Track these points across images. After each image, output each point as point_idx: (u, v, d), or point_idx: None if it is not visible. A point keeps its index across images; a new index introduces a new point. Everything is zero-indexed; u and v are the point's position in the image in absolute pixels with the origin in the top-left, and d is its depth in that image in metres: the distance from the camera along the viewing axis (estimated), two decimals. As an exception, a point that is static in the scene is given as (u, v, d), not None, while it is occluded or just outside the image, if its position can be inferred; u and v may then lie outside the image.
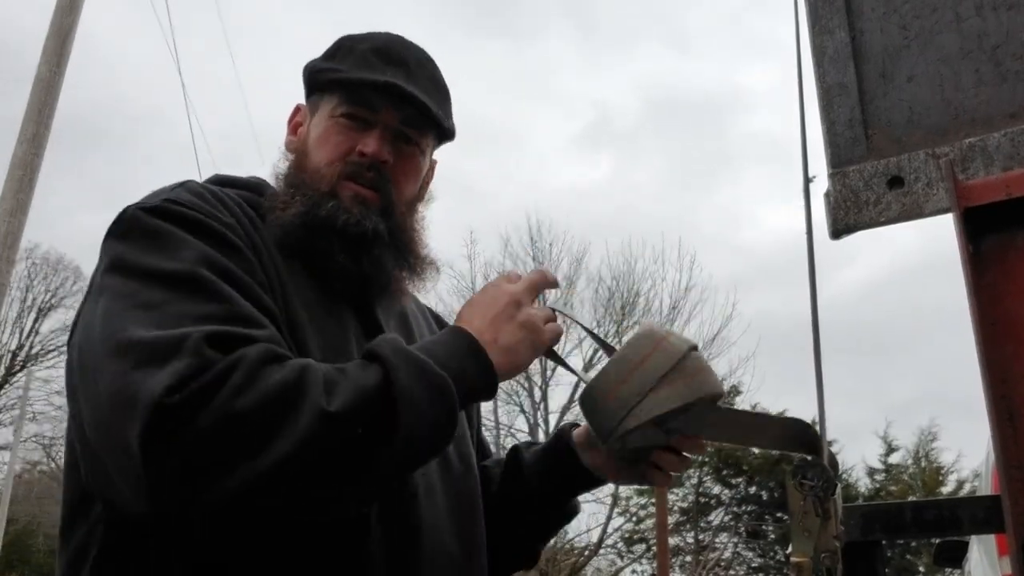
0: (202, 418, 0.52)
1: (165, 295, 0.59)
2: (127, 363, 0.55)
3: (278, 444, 0.52)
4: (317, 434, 0.53)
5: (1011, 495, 0.57)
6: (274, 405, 0.53)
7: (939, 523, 0.78)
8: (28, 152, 4.75)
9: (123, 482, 0.55)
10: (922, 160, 0.68)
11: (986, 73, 0.68)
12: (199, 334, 0.55)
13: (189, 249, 0.63)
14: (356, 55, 0.79)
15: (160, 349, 0.55)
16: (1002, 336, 0.60)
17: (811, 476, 0.65)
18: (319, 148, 0.77)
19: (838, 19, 0.73)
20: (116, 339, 0.57)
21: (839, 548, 0.62)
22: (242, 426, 0.52)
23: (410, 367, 0.58)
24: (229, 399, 0.53)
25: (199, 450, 0.52)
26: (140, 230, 0.64)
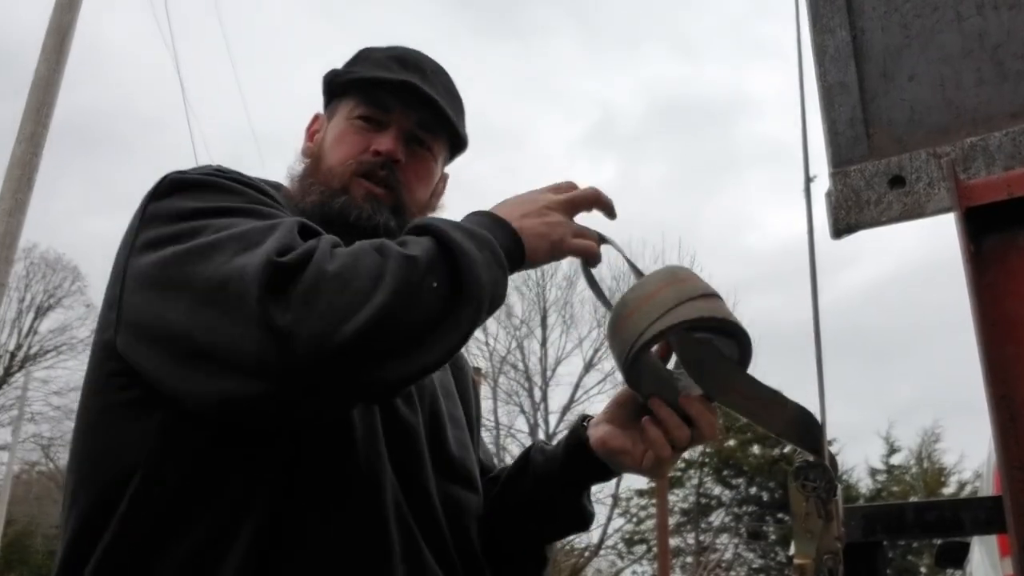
0: (308, 276, 0.55)
1: (235, 219, 0.62)
2: (223, 256, 0.58)
3: (379, 291, 0.55)
4: (406, 276, 0.57)
5: (1013, 496, 0.57)
6: (363, 260, 0.57)
7: (941, 524, 0.78)
8: (27, 151, 4.75)
9: (248, 360, 0.55)
10: (923, 160, 0.68)
11: (987, 72, 0.68)
12: (289, 220, 0.60)
13: (244, 194, 0.67)
14: (373, 60, 0.82)
15: (254, 236, 0.58)
16: (1003, 336, 0.60)
17: (813, 477, 0.65)
18: (334, 148, 0.80)
19: (839, 18, 0.73)
20: (199, 248, 0.59)
21: (841, 549, 0.62)
22: (341, 281, 0.55)
23: (458, 231, 0.62)
24: (322, 262, 0.56)
25: (313, 304, 0.54)
26: (192, 184, 0.67)
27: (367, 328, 0.54)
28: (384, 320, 0.55)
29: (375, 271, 0.56)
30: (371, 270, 0.56)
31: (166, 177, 0.69)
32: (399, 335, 0.56)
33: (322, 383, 0.55)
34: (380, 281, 0.56)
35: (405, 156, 0.79)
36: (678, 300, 0.65)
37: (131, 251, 0.65)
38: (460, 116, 0.84)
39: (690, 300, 0.66)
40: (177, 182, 0.67)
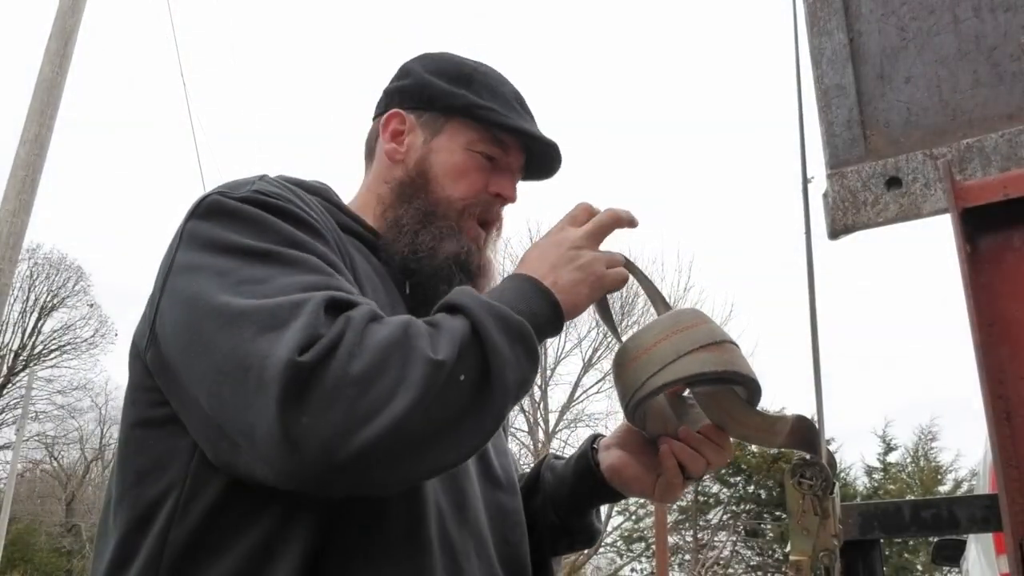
0: (329, 378, 0.53)
1: (266, 270, 0.60)
2: (246, 332, 0.56)
3: (400, 396, 0.54)
4: (430, 381, 0.55)
5: (1008, 494, 0.57)
6: (388, 360, 0.55)
7: (937, 522, 0.79)
8: (31, 153, 4.76)
9: (257, 450, 0.55)
10: (920, 161, 0.68)
11: (984, 74, 0.68)
12: (317, 298, 0.57)
13: (281, 232, 0.64)
14: (500, 96, 0.82)
15: (279, 314, 0.56)
16: (999, 336, 0.61)
17: (810, 475, 0.65)
18: (452, 179, 0.80)
19: (836, 20, 0.74)
20: (229, 310, 0.57)
21: (837, 547, 0.63)
22: (364, 384, 0.54)
23: (492, 316, 0.60)
24: (347, 360, 0.54)
25: (329, 410, 0.53)
26: (231, 213, 0.65)
27: (382, 437, 0.53)
28: (402, 426, 0.53)
29: (399, 374, 0.54)
30: (395, 372, 0.54)
31: (208, 196, 0.67)
32: (417, 438, 0.55)
33: (332, 485, 0.55)
34: (402, 385, 0.54)
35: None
36: (677, 353, 0.65)
37: (170, 268, 0.65)
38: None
39: (690, 353, 0.65)
40: (216, 206, 0.66)
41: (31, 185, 4.72)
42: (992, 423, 0.59)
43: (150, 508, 0.62)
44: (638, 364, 0.67)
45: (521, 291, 0.65)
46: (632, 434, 0.79)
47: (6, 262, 4.62)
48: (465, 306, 0.60)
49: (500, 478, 0.78)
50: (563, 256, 0.68)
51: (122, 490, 0.65)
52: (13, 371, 18.20)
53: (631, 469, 0.78)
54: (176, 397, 0.62)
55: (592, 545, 0.89)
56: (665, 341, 0.67)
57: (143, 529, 0.62)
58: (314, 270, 0.61)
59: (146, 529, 0.62)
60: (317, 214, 0.71)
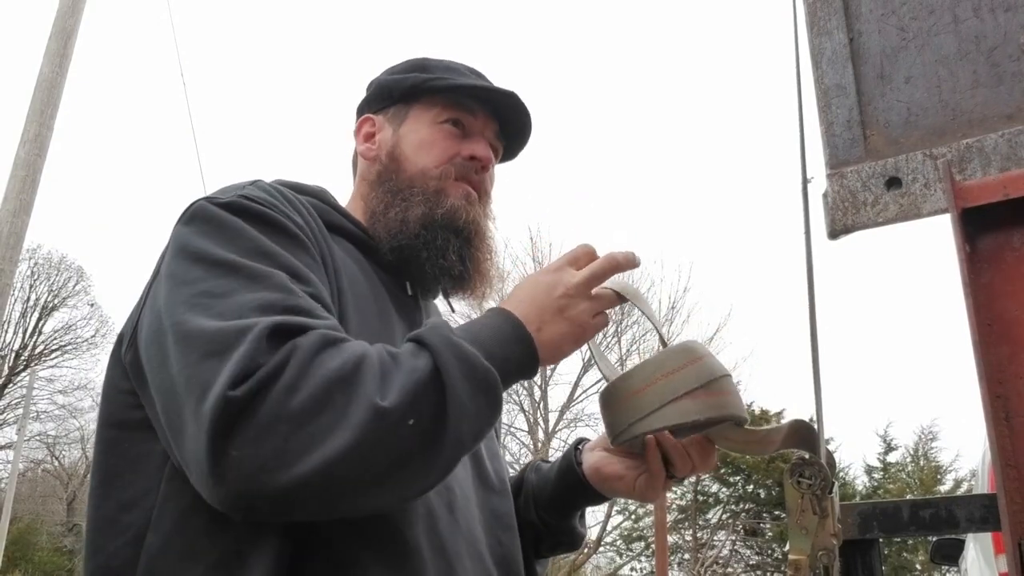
0: (261, 413, 0.52)
1: (228, 284, 0.59)
2: (192, 354, 0.55)
3: (335, 437, 0.52)
4: (370, 427, 0.53)
5: (1007, 493, 0.57)
6: (330, 397, 0.53)
7: (936, 521, 0.79)
8: (31, 152, 4.75)
9: (191, 474, 0.55)
10: (920, 161, 0.68)
11: (983, 74, 0.68)
12: (261, 326, 0.55)
13: (254, 241, 0.63)
14: (449, 68, 0.83)
15: (223, 340, 0.55)
16: (998, 336, 0.61)
17: (808, 474, 0.66)
18: (423, 152, 0.80)
19: (836, 20, 0.74)
20: (183, 328, 0.57)
21: (836, 546, 0.63)
22: (298, 421, 0.52)
23: (459, 360, 0.58)
24: (285, 395, 0.53)
25: (257, 445, 0.52)
26: (208, 220, 0.65)
27: (312, 476, 0.51)
28: (334, 468, 0.52)
29: (338, 414, 0.52)
30: (335, 412, 0.52)
31: (195, 202, 0.67)
32: (352, 479, 0.53)
33: (262, 514, 0.54)
34: (339, 426, 0.52)
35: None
36: (662, 401, 0.66)
37: (156, 274, 0.66)
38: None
39: (674, 401, 0.66)
40: (198, 212, 0.66)
41: (31, 185, 4.72)
42: (991, 423, 0.59)
43: (120, 510, 0.62)
44: (624, 407, 0.68)
45: (500, 333, 0.63)
46: None
47: (6, 262, 4.62)
48: (432, 345, 0.58)
49: (493, 481, 0.78)
50: (553, 303, 0.66)
51: (91, 487, 0.65)
52: (14, 371, 18.20)
53: (612, 467, 0.79)
54: (148, 402, 0.62)
55: (576, 548, 0.89)
56: (651, 387, 0.67)
57: (110, 531, 0.61)
58: (276, 287, 0.60)
59: (113, 531, 0.61)
60: (304, 217, 0.70)
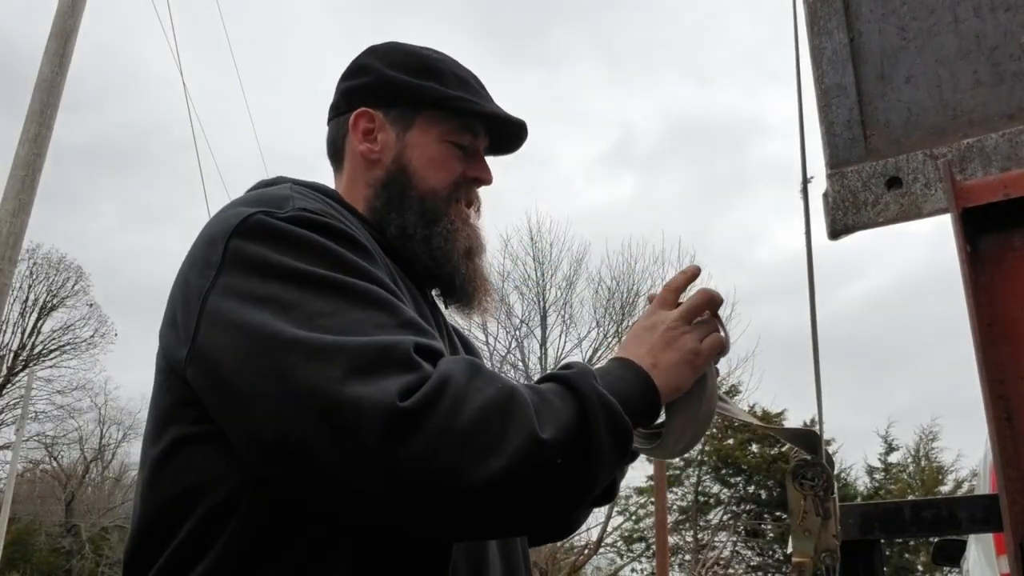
0: (432, 427, 0.53)
1: (332, 303, 0.59)
2: (331, 370, 0.54)
3: (493, 461, 0.54)
4: (529, 455, 0.54)
5: (1009, 494, 0.57)
6: (492, 422, 0.55)
7: (937, 522, 0.79)
8: (30, 152, 4.75)
9: (351, 487, 0.54)
10: (920, 161, 0.68)
11: (984, 74, 0.68)
12: (408, 343, 0.56)
13: (338, 256, 0.63)
14: (465, 84, 0.83)
15: (369, 355, 0.55)
16: (1000, 337, 0.60)
17: (811, 476, 0.65)
18: (433, 170, 0.81)
19: (836, 20, 0.74)
20: (306, 346, 0.55)
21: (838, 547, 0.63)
22: (462, 440, 0.54)
23: (604, 411, 0.59)
24: (451, 413, 0.54)
25: (429, 456, 0.53)
26: (280, 236, 0.63)
27: (468, 494, 0.53)
28: (488, 488, 0.53)
29: (500, 437, 0.54)
30: (496, 435, 0.54)
31: (253, 215, 0.64)
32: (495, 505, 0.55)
33: (416, 522, 0.55)
34: (499, 450, 0.54)
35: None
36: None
37: (212, 287, 0.61)
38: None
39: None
40: (264, 227, 0.63)
41: (31, 185, 4.72)
42: (992, 423, 0.59)
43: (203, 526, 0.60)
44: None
45: (631, 384, 0.65)
46: None
47: (6, 262, 4.62)
48: (580, 391, 0.59)
49: None
50: (659, 340, 0.69)
51: (164, 510, 0.63)
52: (13, 371, 18.19)
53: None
54: (224, 418, 0.60)
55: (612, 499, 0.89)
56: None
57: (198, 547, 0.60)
58: (381, 305, 0.60)
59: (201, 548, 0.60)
60: (357, 229, 0.70)
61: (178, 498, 0.62)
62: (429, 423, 0.53)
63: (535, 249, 12.59)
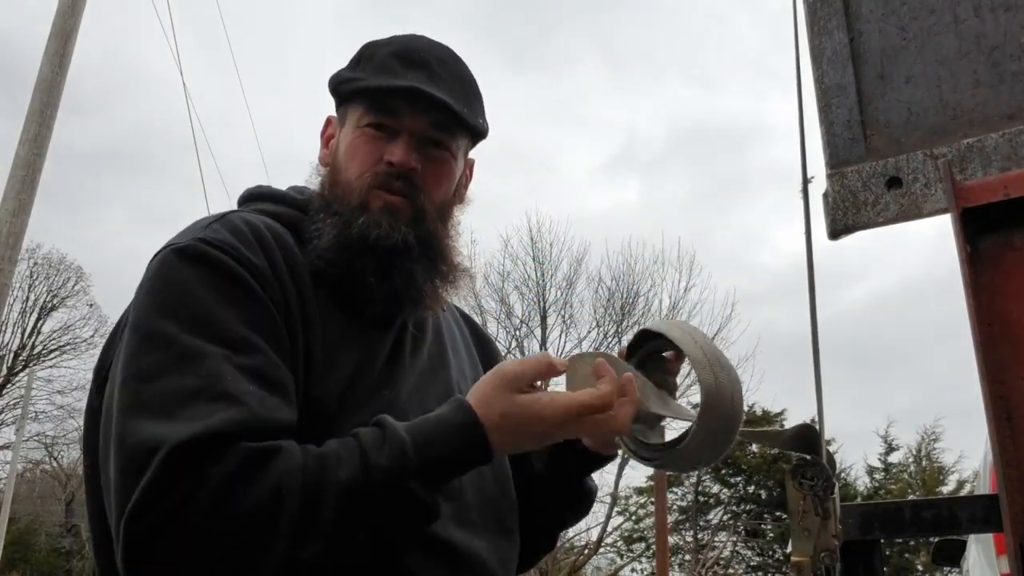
0: (159, 551, 0.56)
1: (159, 362, 0.62)
2: (118, 462, 0.60)
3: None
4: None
5: (1009, 494, 0.57)
6: (237, 541, 0.56)
7: (937, 522, 0.79)
8: (30, 152, 4.76)
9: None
10: (920, 161, 0.68)
11: (984, 74, 0.68)
12: (165, 449, 0.57)
13: (196, 305, 0.64)
14: (376, 61, 0.77)
15: (135, 459, 0.58)
16: (999, 337, 0.60)
17: (811, 476, 0.65)
18: (349, 161, 0.77)
19: (836, 20, 0.74)
20: (118, 431, 0.61)
21: (838, 547, 0.63)
22: (203, 563, 0.56)
23: (388, 490, 0.59)
24: (188, 535, 0.56)
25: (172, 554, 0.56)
26: (160, 275, 0.66)
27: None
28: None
29: (248, 559, 0.56)
30: (244, 556, 0.56)
31: (162, 250, 0.68)
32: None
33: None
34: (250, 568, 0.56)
35: (421, 162, 0.75)
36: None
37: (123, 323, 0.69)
38: (475, 106, 0.80)
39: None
40: (157, 265, 0.67)
41: (31, 185, 4.73)
42: (992, 423, 0.59)
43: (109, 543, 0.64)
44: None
45: (454, 438, 0.62)
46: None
47: (6, 262, 4.62)
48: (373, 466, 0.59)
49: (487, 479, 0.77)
50: (536, 437, 0.65)
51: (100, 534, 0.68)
52: (13, 371, 18.20)
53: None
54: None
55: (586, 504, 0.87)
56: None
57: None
58: (204, 372, 0.61)
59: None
60: (271, 256, 0.69)
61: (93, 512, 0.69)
62: (157, 548, 0.56)
63: (535, 249, 12.59)
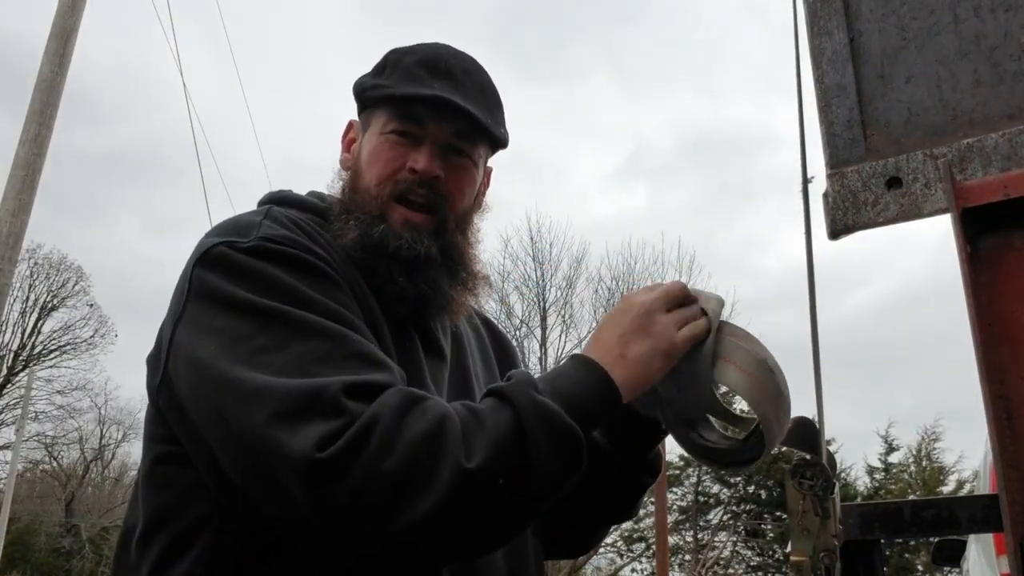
0: (353, 472, 0.54)
1: (279, 336, 0.60)
2: (258, 415, 0.56)
3: (423, 501, 0.54)
4: (457, 491, 0.55)
5: (1009, 494, 0.57)
6: (420, 460, 0.55)
7: (937, 522, 0.79)
8: (30, 152, 4.76)
9: (294, 507, 0.57)
10: (920, 161, 0.68)
11: (984, 74, 0.68)
12: (336, 386, 0.56)
13: (292, 288, 0.63)
14: (402, 69, 0.78)
15: (294, 400, 0.56)
16: (999, 337, 0.60)
17: (810, 475, 0.65)
18: (370, 166, 0.77)
19: (836, 20, 0.74)
20: (243, 386, 0.58)
21: (838, 547, 0.63)
22: (389, 483, 0.55)
23: (541, 419, 0.58)
24: (375, 457, 0.55)
25: (351, 508, 0.54)
26: (238, 268, 0.64)
27: (402, 534, 0.54)
28: (422, 527, 0.54)
29: (426, 477, 0.55)
30: (423, 475, 0.55)
31: (215, 246, 0.66)
32: (437, 537, 0.56)
33: (365, 555, 0.57)
34: (428, 491, 0.54)
35: (444, 169, 0.76)
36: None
37: (180, 317, 0.64)
38: (497, 116, 0.81)
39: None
40: (223, 259, 0.64)
41: (31, 185, 4.73)
42: (992, 423, 0.59)
43: (181, 543, 0.63)
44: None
45: (581, 383, 0.63)
46: None
47: (6, 262, 4.62)
48: (515, 403, 0.59)
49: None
50: (633, 323, 0.66)
51: (149, 524, 0.66)
52: (13, 371, 18.19)
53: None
54: (189, 441, 0.64)
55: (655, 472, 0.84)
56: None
57: (176, 562, 0.63)
58: (329, 336, 0.61)
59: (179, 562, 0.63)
60: (324, 246, 0.70)
61: (161, 517, 0.65)
62: (351, 470, 0.54)
63: (535, 249, 12.59)
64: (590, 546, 0.90)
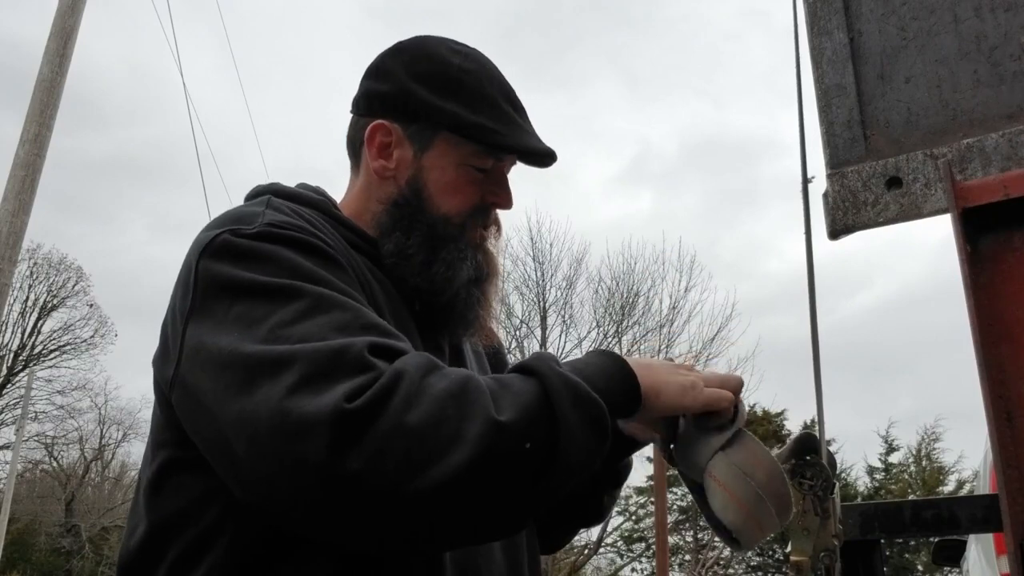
0: (380, 427, 0.52)
1: (293, 310, 0.58)
2: (288, 377, 0.54)
3: (454, 454, 0.52)
4: (491, 442, 0.53)
5: (1009, 494, 0.57)
6: (447, 413, 0.53)
7: (937, 522, 0.79)
8: (30, 153, 4.76)
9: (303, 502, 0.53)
10: (920, 161, 0.68)
11: (984, 74, 0.68)
12: (360, 344, 0.55)
13: (302, 267, 0.62)
14: (481, 98, 0.77)
15: (319, 361, 0.54)
16: (999, 336, 0.60)
17: (810, 475, 0.65)
18: (447, 197, 0.77)
19: (836, 20, 0.74)
20: (266, 356, 0.56)
21: (838, 547, 0.63)
22: (419, 436, 0.52)
23: (568, 389, 0.57)
24: (403, 409, 0.53)
25: (380, 460, 0.51)
26: (245, 253, 0.63)
27: (432, 491, 0.51)
28: (454, 484, 0.51)
29: (456, 427, 0.52)
30: (452, 426, 0.52)
31: (219, 235, 0.64)
32: (468, 499, 0.53)
33: (383, 533, 0.53)
34: (459, 441, 0.52)
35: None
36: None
37: (190, 313, 0.62)
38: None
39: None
40: (229, 247, 0.63)
41: (31, 185, 4.73)
42: (992, 423, 0.59)
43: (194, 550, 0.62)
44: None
45: (602, 368, 0.63)
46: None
47: (6, 262, 4.62)
48: (540, 372, 0.58)
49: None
50: (667, 366, 0.67)
51: (157, 532, 0.64)
52: (13, 371, 18.20)
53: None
54: (203, 440, 0.60)
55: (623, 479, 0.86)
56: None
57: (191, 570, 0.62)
58: (342, 307, 0.60)
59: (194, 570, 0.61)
60: (330, 238, 0.69)
61: (174, 524, 0.63)
62: (380, 421, 0.52)
63: (535, 249, 12.59)
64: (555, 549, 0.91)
